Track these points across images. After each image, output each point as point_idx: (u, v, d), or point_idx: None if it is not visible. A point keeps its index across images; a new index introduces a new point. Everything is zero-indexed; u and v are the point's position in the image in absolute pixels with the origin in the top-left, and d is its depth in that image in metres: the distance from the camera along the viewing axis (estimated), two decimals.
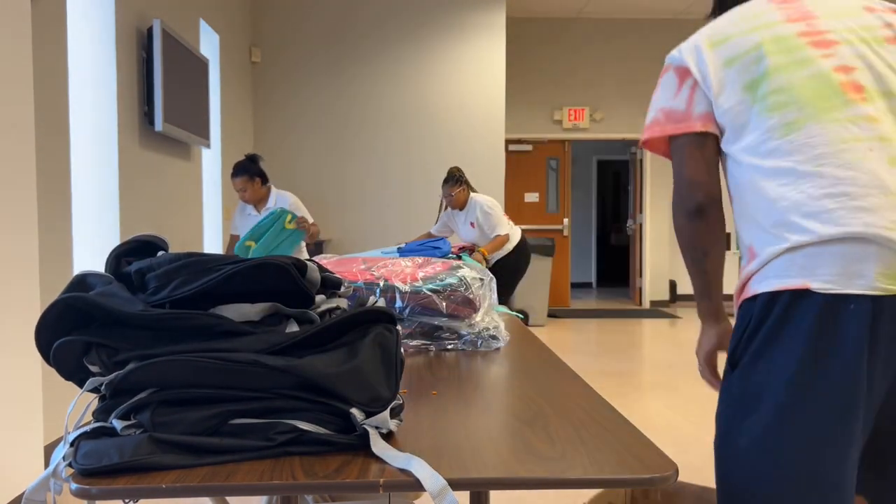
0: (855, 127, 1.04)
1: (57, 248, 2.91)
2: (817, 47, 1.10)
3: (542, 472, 0.74)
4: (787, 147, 1.06)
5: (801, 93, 1.07)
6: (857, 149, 1.03)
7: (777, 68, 1.09)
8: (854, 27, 1.11)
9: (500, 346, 1.52)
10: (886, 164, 1.02)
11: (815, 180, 1.03)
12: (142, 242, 0.89)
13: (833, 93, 1.06)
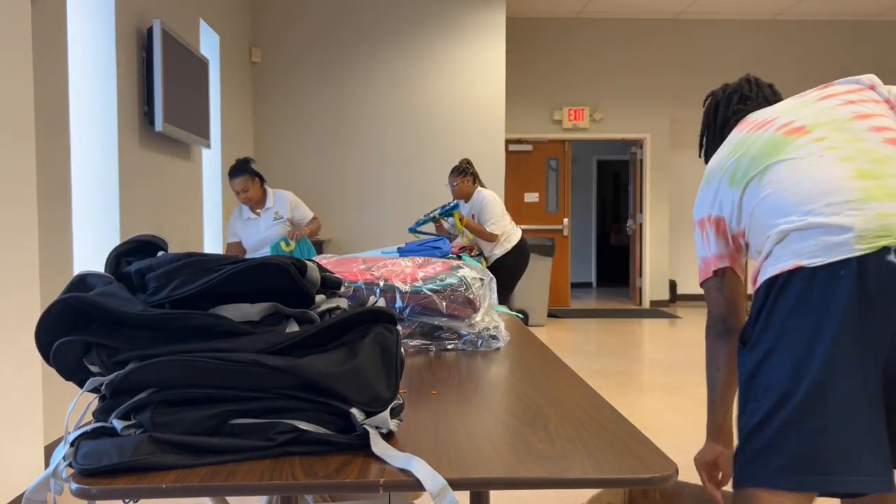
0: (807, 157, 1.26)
1: (57, 248, 2.91)
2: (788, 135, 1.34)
3: (542, 472, 0.74)
4: None
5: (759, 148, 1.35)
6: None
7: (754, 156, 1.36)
8: (810, 113, 1.36)
9: (500, 346, 1.52)
10: (838, 162, 1.23)
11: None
12: (141, 242, 0.89)
13: (778, 139, 1.32)
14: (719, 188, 1.39)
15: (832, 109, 1.34)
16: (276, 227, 4.01)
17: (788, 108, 1.39)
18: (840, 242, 1.14)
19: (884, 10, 8.65)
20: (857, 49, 9.13)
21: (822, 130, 1.29)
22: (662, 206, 8.92)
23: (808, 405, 1.12)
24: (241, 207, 4.04)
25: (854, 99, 1.36)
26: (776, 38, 9.06)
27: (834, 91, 1.41)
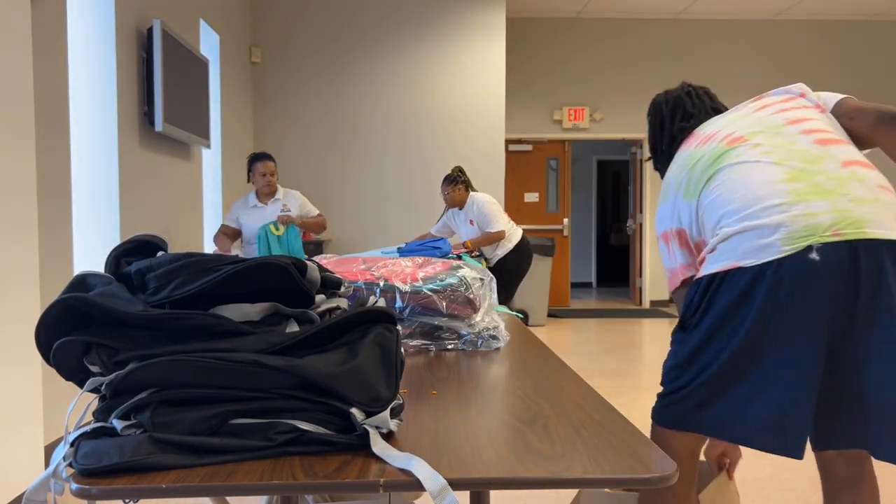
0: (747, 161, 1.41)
1: (57, 248, 2.91)
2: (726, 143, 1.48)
3: (542, 472, 0.74)
4: None
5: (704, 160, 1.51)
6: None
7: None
8: (747, 123, 1.49)
9: (500, 346, 1.52)
10: (773, 168, 1.36)
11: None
12: (141, 242, 0.89)
13: (719, 150, 1.46)
14: (676, 202, 1.53)
15: (767, 118, 1.47)
16: (284, 216, 4.20)
17: (729, 121, 1.52)
18: (769, 244, 1.27)
19: (884, 10, 8.65)
20: (857, 49, 9.13)
21: (759, 137, 1.42)
22: None
23: (718, 380, 1.34)
24: (247, 196, 4.24)
25: (787, 107, 1.48)
26: (776, 38, 9.06)
27: (768, 101, 1.54)
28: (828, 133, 1.40)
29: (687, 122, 1.67)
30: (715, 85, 9.02)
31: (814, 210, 1.26)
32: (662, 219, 1.59)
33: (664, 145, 1.71)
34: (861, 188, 1.29)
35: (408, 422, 0.93)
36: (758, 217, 1.30)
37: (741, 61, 9.03)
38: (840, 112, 1.46)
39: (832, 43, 9.10)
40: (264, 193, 4.22)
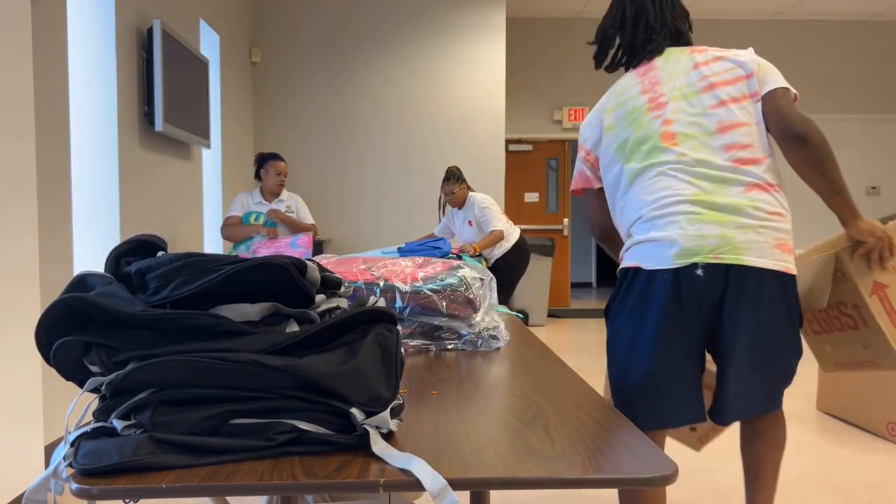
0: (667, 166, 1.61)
1: (57, 248, 2.91)
2: (653, 111, 1.66)
3: (542, 472, 0.74)
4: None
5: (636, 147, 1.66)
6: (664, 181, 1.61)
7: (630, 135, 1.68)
8: (679, 85, 1.65)
9: (500, 346, 1.52)
10: (686, 185, 1.57)
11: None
12: (141, 242, 0.89)
13: (655, 144, 1.63)
14: (602, 134, 1.75)
15: (704, 114, 1.61)
16: (291, 217, 4.30)
17: (674, 87, 1.65)
18: (665, 256, 1.54)
19: (884, 9, 8.65)
20: (857, 49, 9.13)
21: (686, 146, 1.60)
22: None
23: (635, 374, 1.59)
24: (252, 192, 4.33)
25: (725, 97, 1.62)
26: (776, 38, 9.06)
27: (715, 76, 1.64)
28: (747, 150, 1.58)
29: (648, 36, 1.74)
30: None
31: (705, 233, 1.52)
32: (584, 131, 1.81)
33: (615, 48, 1.80)
34: (752, 215, 1.53)
35: (408, 422, 0.93)
36: (660, 229, 1.56)
37: None
38: (763, 108, 1.61)
39: (832, 43, 9.10)
40: (273, 193, 4.31)
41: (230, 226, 4.23)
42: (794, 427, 3.49)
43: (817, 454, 3.07)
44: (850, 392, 3.50)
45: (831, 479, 2.75)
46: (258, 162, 4.35)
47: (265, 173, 4.29)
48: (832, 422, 3.58)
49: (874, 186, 9.46)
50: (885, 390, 3.27)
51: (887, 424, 3.26)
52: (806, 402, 3.97)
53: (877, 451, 3.11)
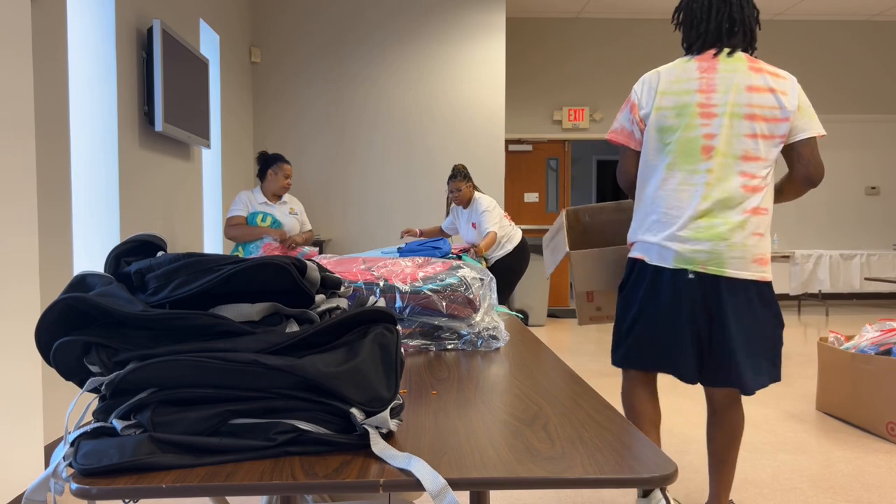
0: (699, 173, 1.97)
1: (57, 248, 2.91)
2: (702, 117, 1.95)
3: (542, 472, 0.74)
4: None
5: (677, 148, 2.00)
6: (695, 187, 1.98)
7: (675, 128, 2.00)
8: (730, 102, 1.94)
9: (500, 346, 1.52)
10: (700, 200, 1.96)
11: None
12: (140, 242, 0.89)
13: (692, 150, 1.98)
14: (652, 108, 2.05)
15: (738, 140, 1.94)
16: (291, 218, 4.31)
17: (723, 116, 1.95)
18: (666, 257, 2.00)
19: (884, 9, 8.65)
20: (857, 49, 9.13)
21: (715, 161, 1.95)
22: None
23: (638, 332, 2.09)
24: (254, 191, 4.30)
25: (758, 133, 1.94)
26: (777, 38, 9.06)
27: (758, 109, 1.95)
28: (756, 180, 1.94)
29: (731, 27, 2.00)
30: None
31: (699, 248, 1.95)
32: (641, 97, 2.08)
33: (692, 32, 2.06)
34: (740, 235, 1.93)
35: (408, 422, 0.93)
36: (665, 238, 2.00)
37: None
38: (798, 149, 1.96)
39: (832, 43, 9.10)
40: (277, 194, 4.28)
41: (235, 226, 4.20)
42: (795, 427, 3.49)
43: (817, 454, 3.07)
44: (850, 392, 3.50)
45: (831, 479, 2.75)
46: (263, 161, 4.30)
47: (273, 175, 4.22)
48: (832, 422, 3.58)
49: (874, 186, 9.45)
50: (885, 390, 3.27)
51: (887, 424, 3.26)
52: (806, 402, 3.97)
53: (877, 451, 3.11)
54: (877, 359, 3.32)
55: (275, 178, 4.23)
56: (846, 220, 9.45)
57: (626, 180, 2.19)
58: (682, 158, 1.97)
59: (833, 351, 3.63)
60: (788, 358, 5.38)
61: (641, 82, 2.07)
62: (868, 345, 3.45)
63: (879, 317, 7.88)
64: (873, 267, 7.83)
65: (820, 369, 3.75)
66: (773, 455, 3.05)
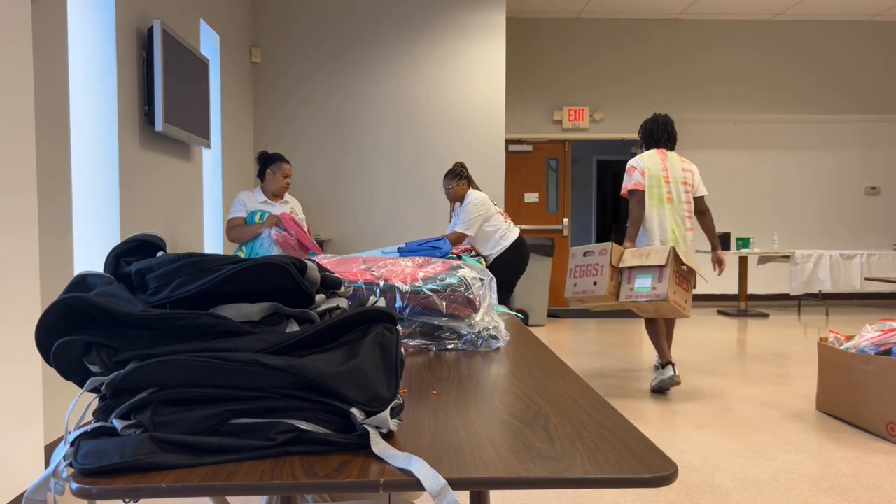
0: (663, 211, 4.21)
1: (57, 247, 2.91)
2: (665, 182, 4.23)
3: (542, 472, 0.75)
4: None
5: (652, 197, 4.22)
6: (666, 216, 4.22)
7: (652, 186, 4.23)
8: (675, 177, 4.26)
9: (500, 346, 1.52)
10: (668, 221, 4.21)
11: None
12: (140, 242, 0.89)
13: (662, 198, 4.21)
14: (642, 173, 4.25)
15: (680, 195, 4.26)
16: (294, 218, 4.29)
17: (672, 181, 4.26)
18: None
19: (884, 9, 8.65)
20: (857, 49, 9.13)
21: (673, 204, 4.23)
22: None
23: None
24: (254, 191, 4.31)
25: (686, 194, 4.27)
26: (776, 38, 9.06)
27: (688, 185, 4.32)
28: (688, 210, 4.25)
29: (670, 137, 4.39)
30: (715, 84, 9.02)
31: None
32: (639, 167, 4.26)
33: (649, 143, 4.42)
34: (685, 240, 4.22)
35: (408, 422, 0.93)
36: (656, 241, 4.19)
37: (741, 61, 9.03)
38: (697, 200, 4.35)
39: (832, 43, 9.10)
40: (277, 194, 4.28)
41: (235, 227, 4.20)
42: (795, 427, 3.49)
43: (817, 454, 3.07)
44: (850, 392, 3.50)
45: (831, 479, 2.75)
46: (263, 161, 4.30)
47: (272, 174, 4.23)
48: (832, 422, 3.58)
49: (874, 186, 9.45)
50: (886, 390, 3.27)
51: (887, 424, 3.26)
52: (806, 402, 3.98)
53: (877, 451, 3.11)
54: (877, 359, 3.32)
55: (274, 177, 4.23)
56: (846, 220, 9.45)
57: (640, 217, 4.27)
58: (659, 203, 4.22)
59: (833, 351, 3.63)
60: (788, 358, 5.38)
61: (638, 164, 4.27)
62: (868, 345, 3.45)
63: (879, 317, 7.88)
64: (873, 267, 7.83)
65: (820, 369, 3.75)
66: (773, 455, 3.05)
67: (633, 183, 4.20)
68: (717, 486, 2.68)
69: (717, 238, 4.60)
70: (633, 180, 4.21)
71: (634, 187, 4.20)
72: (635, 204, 4.20)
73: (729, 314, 8.03)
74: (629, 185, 4.21)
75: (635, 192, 4.20)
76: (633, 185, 4.20)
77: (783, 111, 9.08)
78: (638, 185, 4.19)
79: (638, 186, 4.19)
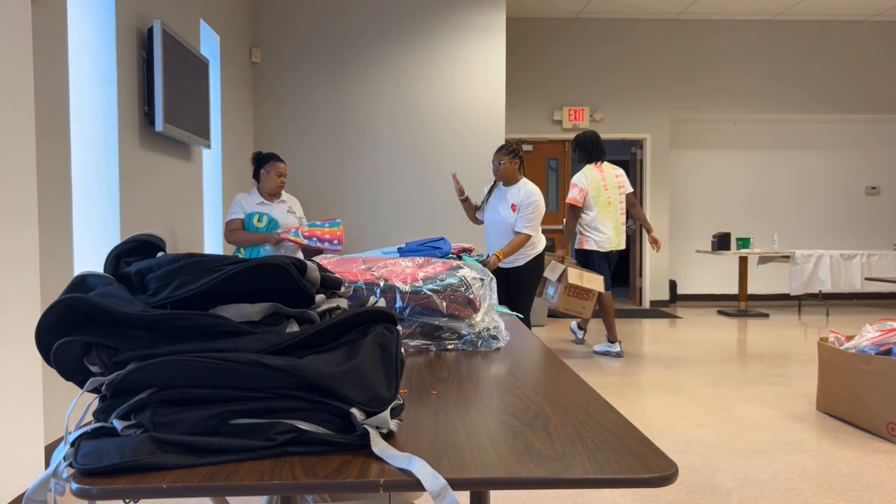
0: (608, 213, 5.30)
1: (57, 248, 2.91)
2: (604, 189, 5.26)
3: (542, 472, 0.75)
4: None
5: (598, 204, 5.29)
6: (609, 217, 5.33)
7: (597, 196, 5.29)
8: (610, 185, 5.28)
9: (500, 346, 1.52)
10: (611, 220, 5.32)
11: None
12: (140, 242, 0.89)
13: (605, 203, 5.27)
14: (583, 186, 5.27)
15: (616, 198, 5.31)
16: (290, 217, 4.32)
17: (609, 189, 5.30)
18: (605, 246, 5.27)
19: (884, 9, 8.64)
20: (857, 49, 9.12)
21: (612, 208, 5.27)
22: (662, 205, 8.92)
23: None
24: (251, 192, 4.32)
25: (621, 197, 5.33)
26: (776, 38, 9.05)
27: (622, 190, 5.33)
28: (621, 209, 5.31)
29: (594, 155, 5.34)
30: (714, 84, 9.02)
31: (612, 238, 5.29)
32: (580, 184, 5.25)
33: (585, 158, 5.37)
34: (621, 231, 5.31)
35: (408, 422, 0.93)
36: (605, 238, 5.28)
37: (741, 61, 9.03)
38: (629, 195, 5.41)
39: (832, 43, 9.10)
40: (273, 193, 4.30)
41: (234, 231, 4.20)
42: (794, 427, 3.49)
43: (817, 454, 3.07)
44: (850, 392, 3.50)
45: (831, 479, 2.75)
46: (257, 161, 4.32)
47: (265, 174, 4.26)
48: (832, 422, 3.58)
49: (874, 186, 9.45)
50: (886, 390, 3.27)
51: (887, 424, 3.26)
52: (806, 402, 3.98)
53: (877, 451, 3.11)
54: (877, 359, 3.32)
55: (268, 176, 4.24)
56: (846, 220, 9.44)
57: (574, 227, 5.31)
58: (602, 208, 5.20)
59: (833, 351, 3.63)
60: (788, 358, 5.38)
61: (580, 181, 5.23)
62: (868, 345, 3.45)
63: (880, 317, 7.88)
64: (874, 267, 7.83)
65: (820, 369, 3.75)
66: (773, 455, 3.05)
67: (570, 198, 5.23)
68: (717, 486, 2.68)
69: (648, 222, 5.73)
70: (571, 195, 5.23)
71: (571, 202, 5.22)
72: (571, 217, 5.26)
73: (729, 314, 8.03)
74: (568, 199, 5.24)
75: (572, 207, 5.23)
76: (570, 199, 5.23)
77: (783, 111, 9.08)
78: (574, 200, 5.20)
79: (574, 202, 5.20)
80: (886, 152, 9.44)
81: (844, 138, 9.41)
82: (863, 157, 9.43)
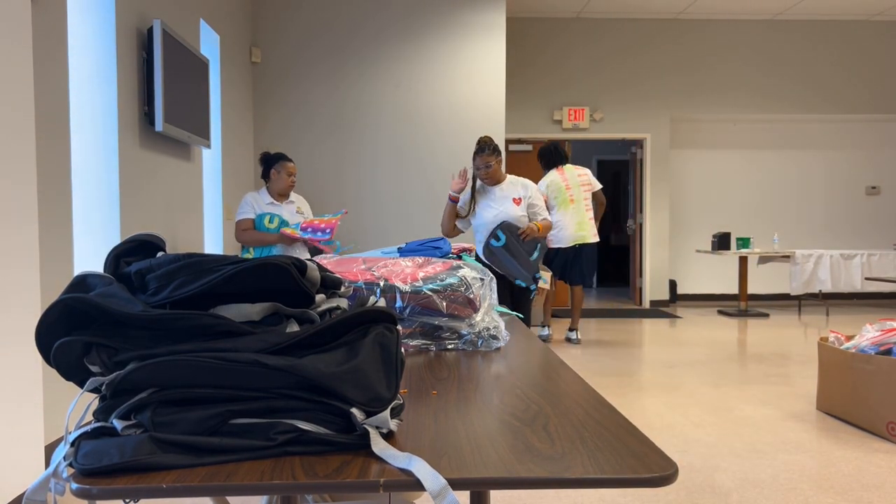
0: (569, 210, 5.84)
1: (58, 247, 2.91)
2: (566, 189, 5.81)
3: (542, 472, 0.75)
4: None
5: (559, 204, 5.84)
6: (570, 213, 5.86)
7: (557, 196, 5.85)
8: (573, 184, 5.84)
9: (500, 346, 1.52)
10: (574, 216, 5.84)
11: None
12: (140, 242, 0.89)
13: (567, 201, 5.81)
14: (543, 191, 5.83)
15: (580, 196, 5.81)
16: (299, 217, 4.32)
17: (573, 182, 5.87)
18: (569, 241, 5.81)
19: (884, 9, 8.64)
20: (857, 49, 9.12)
21: (576, 205, 5.80)
22: (662, 205, 8.92)
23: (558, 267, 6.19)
24: (260, 192, 4.32)
25: (585, 194, 5.85)
26: (776, 38, 9.05)
27: (586, 188, 5.88)
28: (587, 205, 5.81)
29: (557, 160, 5.92)
30: (714, 84, 9.02)
31: (575, 233, 5.80)
32: (542, 189, 5.78)
33: (549, 164, 5.97)
34: (589, 227, 5.82)
35: (408, 422, 0.93)
36: (567, 235, 5.80)
37: (741, 61, 9.03)
38: (595, 193, 6.01)
39: (832, 43, 9.10)
40: (283, 193, 4.30)
41: (245, 230, 4.20)
42: (794, 427, 3.49)
43: (817, 454, 3.07)
44: (850, 392, 3.50)
45: (831, 479, 2.75)
46: (266, 162, 4.32)
47: (276, 174, 4.25)
48: (832, 422, 3.58)
49: (874, 186, 9.45)
50: (886, 390, 3.27)
51: (887, 424, 3.26)
52: (806, 402, 3.98)
53: (877, 451, 3.11)
54: (877, 359, 3.33)
55: (278, 177, 4.24)
56: (846, 220, 9.44)
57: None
58: (564, 206, 5.77)
59: (833, 351, 3.63)
60: (788, 357, 5.39)
61: (543, 182, 5.85)
62: (868, 345, 3.45)
63: (880, 317, 7.88)
64: (874, 267, 7.83)
65: (820, 369, 3.76)
66: (773, 455, 3.05)
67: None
68: (717, 486, 2.68)
69: (598, 221, 6.22)
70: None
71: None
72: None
73: (729, 314, 8.03)
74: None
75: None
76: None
77: (783, 111, 9.08)
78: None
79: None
80: (887, 152, 9.44)
81: (845, 138, 9.41)
82: (863, 157, 9.43)
